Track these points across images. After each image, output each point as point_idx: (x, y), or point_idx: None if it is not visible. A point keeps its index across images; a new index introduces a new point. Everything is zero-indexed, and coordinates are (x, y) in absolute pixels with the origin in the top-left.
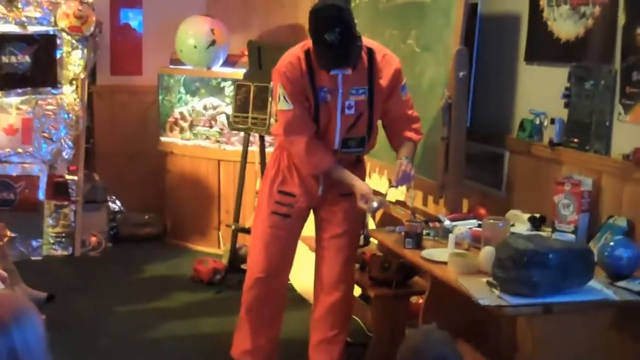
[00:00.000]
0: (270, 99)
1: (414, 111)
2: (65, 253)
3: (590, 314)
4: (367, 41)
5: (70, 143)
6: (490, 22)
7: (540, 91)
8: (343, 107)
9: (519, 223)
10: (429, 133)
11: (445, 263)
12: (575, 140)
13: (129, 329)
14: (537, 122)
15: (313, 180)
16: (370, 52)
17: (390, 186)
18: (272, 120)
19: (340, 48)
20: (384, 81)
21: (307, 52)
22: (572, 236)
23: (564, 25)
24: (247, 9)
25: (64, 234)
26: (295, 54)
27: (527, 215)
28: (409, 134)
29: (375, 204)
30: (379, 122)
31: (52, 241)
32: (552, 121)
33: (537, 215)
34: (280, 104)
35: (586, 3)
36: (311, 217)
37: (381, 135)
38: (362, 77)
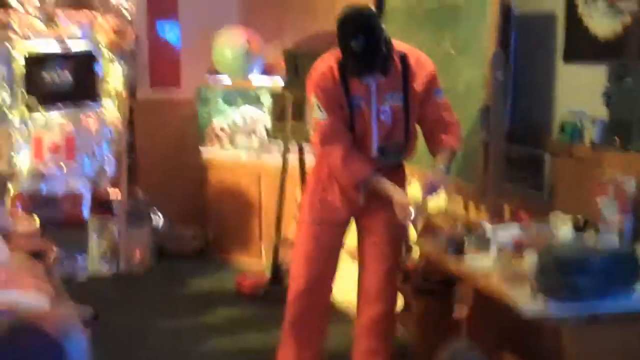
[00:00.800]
0: (307, 107)
1: (453, 114)
2: (111, 270)
3: (638, 324)
4: (400, 45)
5: (112, 159)
6: (525, 23)
7: (580, 91)
8: (378, 113)
9: (562, 227)
10: (468, 137)
11: (488, 270)
12: (617, 139)
13: (173, 344)
14: (578, 123)
15: (353, 190)
16: (404, 56)
17: (423, 197)
18: (309, 128)
19: (366, 55)
20: (418, 85)
21: (340, 61)
22: (616, 239)
23: (601, 23)
24: (280, 17)
25: (109, 251)
26: (327, 63)
27: (570, 219)
28: (446, 139)
29: (413, 213)
30: (419, 129)
31: (97, 258)
32: (593, 122)
33: (581, 219)
34: (315, 113)
35: None
36: (353, 227)
37: (422, 141)
38: (396, 83)
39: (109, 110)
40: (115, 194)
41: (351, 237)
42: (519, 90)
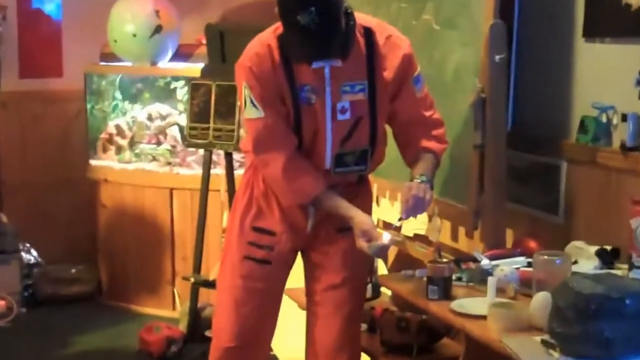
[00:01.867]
0: (238, 102)
1: (434, 111)
2: None
3: None
4: (364, 19)
5: None
6: None
7: (606, 77)
8: (334, 110)
9: (584, 259)
10: (456, 140)
11: (484, 317)
12: None
13: None
14: (604, 119)
15: (299, 212)
16: (369, 33)
17: (399, 219)
18: (242, 131)
19: (319, 33)
20: (389, 72)
21: (281, 38)
22: None
23: None
24: None
25: None
26: (264, 41)
27: (594, 248)
28: (427, 143)
29: (380, 243)
30: (388, 129)
31: None
32: (624, 118)
33: (608, 248)
34: (247, 110)
35: None
36: (299, 263)
37: (392, 146)
38: (358, 69)
39: None
40: None
41: (297, 276)
42: (524, 77)
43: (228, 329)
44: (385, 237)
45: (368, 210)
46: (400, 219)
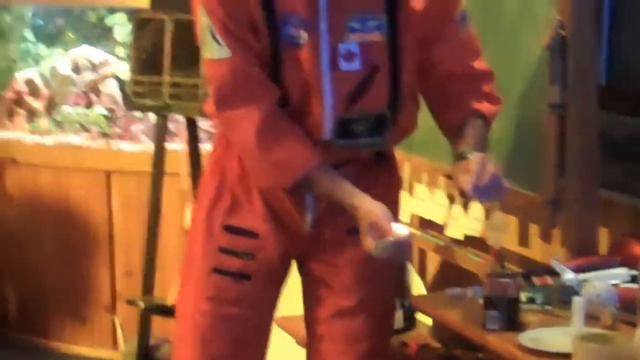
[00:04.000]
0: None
1: (481, 59)
2: None
3: None
4: None
5: None
6: None
7: None
8: (334, 56)
9: None
10: (523, 99)
11: (568, 355)
12: None
13: None
14: None
15: (292, 203)
16: None
17: (462, 195)
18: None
19: None
20: (420, 2)
21: None
22: None
23: None
24: None
25: None
26: None
27: None
28: (477, 104)
29: (390, 239)
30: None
31: None
32: None
33: None
34: (206, 48)
35: None
36: (295, 280)
37: (426, 113)
38: None
39: None
40: None
41: (293, 299)
42: (624, 7)
43: None
44: (399, 228)
45: (394, 202)
46: (463, 196)
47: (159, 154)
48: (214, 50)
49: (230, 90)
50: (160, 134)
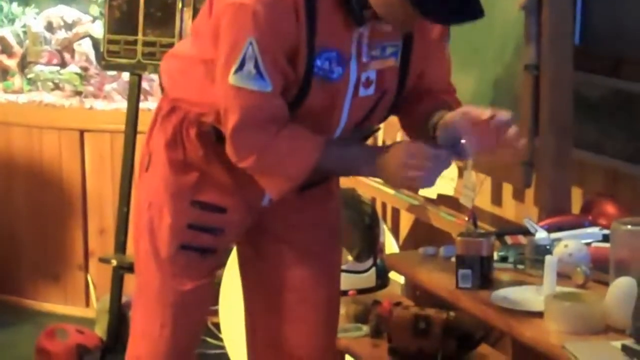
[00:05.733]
0: (180, 3)
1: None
2: None
3: None
4: None
5: None
6: None
7: None
8: (358, 84)
9: None
10: (498, 59)
11: (540, 315)
12: None
13: None
14: None
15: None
16: None
17: (458, 153)
18: None
19: None
20: (432, 29)
21: None
22: None
23: None
24: None
25: None
26: None
27: None
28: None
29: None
30: None
31: None
32: None
33: None
34: (241, 75)
35: None
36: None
37: None
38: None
39: None
40: None
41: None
42: None
43: (157, 350)
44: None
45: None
46: (461, 154)
47: (133, 113)
48: (250, 81)
49: (252, 121)
50: (134, 93)
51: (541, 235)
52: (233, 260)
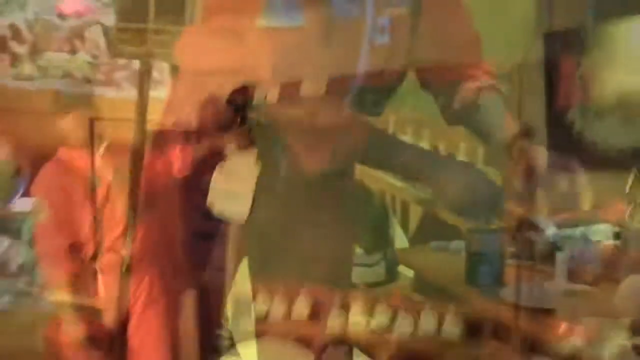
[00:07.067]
0: None
1: None
2: None
3: None
4: None
5: None
6: None
7: None
8: (373, 29)
9: None
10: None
11: (550, 311)
12: None
13: None
14: None
15: None
16: None
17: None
18: None
19: None
20: None
21: None
22: None
23: None
24: None
25: None
26: None
27: None
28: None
29: None
30: None
31: None
32: None
33: None
34: (270, 14)
35: None
36: None
37: None
38: None
39: None
40: None
41: None
42: None
43: None
44: None
45: None
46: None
47: (143, 102)
48: (280, 17)
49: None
50: (144, 82)
51: (552, 231)
52: None
